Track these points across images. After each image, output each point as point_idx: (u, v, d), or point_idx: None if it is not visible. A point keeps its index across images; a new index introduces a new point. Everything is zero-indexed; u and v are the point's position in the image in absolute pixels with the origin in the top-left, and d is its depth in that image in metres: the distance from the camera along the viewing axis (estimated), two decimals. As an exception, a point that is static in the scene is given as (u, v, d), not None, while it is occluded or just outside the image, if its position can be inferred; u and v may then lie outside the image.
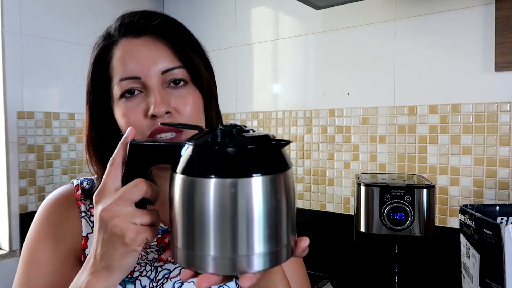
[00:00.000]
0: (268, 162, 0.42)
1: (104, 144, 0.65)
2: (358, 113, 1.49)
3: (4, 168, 1.54)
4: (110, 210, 0.45)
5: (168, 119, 0.60)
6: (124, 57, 0.61)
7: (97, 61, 0.64)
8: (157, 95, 0.59)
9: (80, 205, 0.66)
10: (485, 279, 0.70)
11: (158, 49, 0.62)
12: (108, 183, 0.47)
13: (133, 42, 0.62)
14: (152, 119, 0.60)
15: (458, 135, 1.29)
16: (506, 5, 1.17)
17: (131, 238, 0.44)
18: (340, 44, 1.53)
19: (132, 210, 0.45)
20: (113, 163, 0.48)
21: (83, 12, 1.73)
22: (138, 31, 0.63)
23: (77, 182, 0.69)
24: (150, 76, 0.60)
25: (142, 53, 0.61)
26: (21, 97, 1.56)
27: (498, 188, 1.23)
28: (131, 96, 0.61)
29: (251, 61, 1.78)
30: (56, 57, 1.66)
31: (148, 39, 0.62)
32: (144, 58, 0.61)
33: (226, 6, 1.83)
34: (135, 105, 0.61)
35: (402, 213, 1.05)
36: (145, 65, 0.60)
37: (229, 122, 1.82)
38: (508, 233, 0.64)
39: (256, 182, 0.40)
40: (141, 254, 0.63)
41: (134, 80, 0.60)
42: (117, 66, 0.62)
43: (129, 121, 0.60)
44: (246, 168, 0.40)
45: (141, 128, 0.60)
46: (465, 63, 1.28)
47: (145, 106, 0.60)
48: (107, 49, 0.64)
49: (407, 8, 1.37)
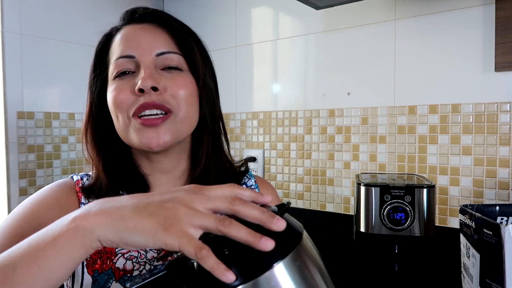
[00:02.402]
0: (280, 242, 0.36)
1: (102, 130, 0.65)
2: (358, 113, 1.49)
3: (4, 168, 1.53)
4: (188, 200, 0.38)
5: (156, 96, 0.58)
6: (122, 38, 0.63)
7: (100, 47, 0.66)
8: (146, 70, 0.59)
9: (80, 198, 0.64)
10: (485, 279, 0.70)
11: (157, 34, 0.63)
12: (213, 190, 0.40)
13: (133, 27, 0.64)
14: (139, 95, 0.59)
15: (458, 135, 1.29)
16: (506, 5, 1.17)
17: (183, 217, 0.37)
18: (340, 44, 1.53)
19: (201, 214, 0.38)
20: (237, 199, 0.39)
21: (83, 12, 1.73)
22: (140, 19, 0.64)
23: (77, 177, 0.68)
24: (144, 56, 0.60)
25: (140, 36, 0.62)
26: (21, 97, 1.56)
27: (498, 188, 1.23)
28: (124, 76, 0.61)
29: (251, 61, 1.78)
30: (56, 57, 1.66)
31: (148, 26, 0.64)
32: (141, 40, 0.62)
33: (226, 6, 1.83)
34: (125, 83, 0.60)
35: (402, 213, 1.05)
36: (141, 45, 0.61)
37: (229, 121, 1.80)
38: (508, 233, 0.64)
39: (280, 270, 0.35)
40: (140, 252, 0.62)
41: (129, 59, 0.61)
42: (115, 48, 0.63)
43: (116, 98, 0.60)
44: (266, 260, 0.35)
45: (126, 105, 0.59)
46: (465, 63, 1.28)
47: (133, 83, 0.60)
48: (110, 36, 0.65)
49: (407, 8, 1.37)
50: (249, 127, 1.78)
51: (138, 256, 0.62)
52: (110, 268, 0.60)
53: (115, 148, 0.65)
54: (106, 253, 0.61)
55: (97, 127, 0.65)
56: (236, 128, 1.82)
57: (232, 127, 1.83)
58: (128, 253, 0.62)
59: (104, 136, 0.65)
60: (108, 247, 0.58)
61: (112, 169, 0.64)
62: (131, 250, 0.61)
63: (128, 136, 0.61)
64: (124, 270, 0.60)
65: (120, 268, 0.60)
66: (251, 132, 1.78)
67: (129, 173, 0.65)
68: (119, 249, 0.61)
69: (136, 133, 0.59)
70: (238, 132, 1.82)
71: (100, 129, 0.65)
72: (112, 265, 0.60)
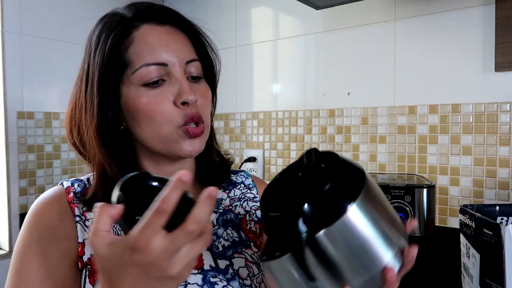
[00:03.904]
0: (348, 187, 0.40)
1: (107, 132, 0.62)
2: (358, 113, 1.49)
3: (4, 168, 1.54)
4: (142, 248, 0.38)
5: (196, 109, 0.60)
6: (152, 42, 0.60)
7: (114, 43, 0.60)
8: (185, 83, 0.60)
9: (74, 209, 0.61)
10: (485, 279, 0.70)
11: (181, 40, 0.63)
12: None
13: (157, 29, 0.61)
14: (181, 108, 0.59)
15: (458, 135, 1.29)
16: (506, 5, 1.17)
17: (176, 272, 0.39)
18: (340, 44, 1.53)
19: (164, 236, 0.38)
20: (161, 212, 0.38)
21: (83, 12, 1.73)
22: (161, 19, 0.62)
23: (67, 184, 0.65)
24: (176, 65, 0.60)
25: (170, 41, 0.61)
26: (21, 97, 1.57)
27: (498, 188, 1.23)
28: (155, 84, 0.60)
29: (251, 61, 1.78)
30: (56, 57, 1.66)
31: (171, 29, 0.63)
32: (172, 46, 0.61)
33: (226, 6, 1.83)
34: (160, 93, 0.59)
35: (402, 213, 1.05)
36: (173, 53, 0.60)
37: (229, 121, 1.80)
38: (508, 233, 0.64)
39: (353, 211, 0.39)
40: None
41: (161, 67, 0.59)
42: (142, 50, 0.59)
43: (155, 109, 0.59)
44: (340, 206, 0.39)
45: (169, 116, 0.59)
46: (465, 63, 1.28)
47: (170, 95, 0.60)
48: (126, 32, 0.61)
49: (407, 8, 1.37)
50: (249, 127, 1.78)
51: None
52: None
53: (118, 150, 0.63)
54: None
55: (106, 130, 0.62)
56: (236, 128, 1.82)
57: (232, 127, 1.83)
58: None
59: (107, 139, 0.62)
60: None
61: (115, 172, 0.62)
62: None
63: (169, 144, 0.61)
64: None
65: None
66: (251, 132, 1.78)
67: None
68: None
69: (182, 141, 0.61)
70: (238, 132, 1.82)
71: (105, 130, 0.62)
72: None
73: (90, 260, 0.59)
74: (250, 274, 0.64)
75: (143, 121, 0.60)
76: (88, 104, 0.62)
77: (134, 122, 0.62)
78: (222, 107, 1.85)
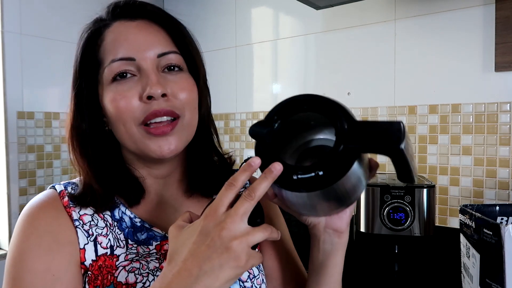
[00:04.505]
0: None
1: (90, 135, 0.61)
2: (358, 113, 1.49)
3: (4, 168, 1.54)
4: (228, 229, 0.44)
5: (164, 103, 0.56)
6: (117, 38, 0.58)
7: (87, 43, 0.60)
8: (153, 76, 0.56)
9: (71, 213, 0.58)
10: (485, 279, 0.70)
11: (154, 33, 0.60)
12: (224, 203, 0.46)
13: (127, 24, 0.59)
14: (147, 103, 0.56)
15: (458, 135, 1.29)
16: (506, 5, 1.17)
17: (243, 263, 0.44)
18: (340, 44, 1.53)
19: (248, 229, 0.45)
20: (232, 185, 0.46)
21: (83, 12, 1.72)
22: (132, 15, 0.60)
23: (60, 188, 0.61)
24: (145, 58, 0.57)
25: (138, 36, 0.58)
26: (21, 97, 1.57)
27: (498, 188, 1.23)
28: (123, 79, 0.57)
29: (251, 61, 1.78)
30: (56, 57, 1.66)
31: (143, 23, 0.60)
32: (140, 40, 0.58)
33: (226, 6, 1.83)
34: (128, 89, 0.57)
35: (402, 213, 1.05)
36: (141, 47, 0.58)
37: (229, 121, 1.80)
38: (508, 233, 0.64)
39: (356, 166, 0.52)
40: (142, 263, 0.59)
41: (128, 62, 0.57)
42: (109, 48, 0.58)
43: (120, 105, 0.56)
44: (346, 161, 0.48)
45: (133, 112, 0.56)
46: (465, 63, 1.28)
47: (139, 89, 0.56)
48: (98, 32, 0.60)
49: (407, 8, 1.37)
50: (249, 127, 1.78)
51: (140, 267, 0.58)
52: (112, 283, 0.56)
53: (105, 152, 0.62)
54: (107, 267, 0.57)
55: (83, 133, 0.61)
56: (236, 128, 1.82)
57: (232, 127, 1.83)
58: (130, 265, 0.58)
59: (93, 141, 0.61)
60: (108, 261, 0.57)
61: (104, 174, 0.61)
62: (132, 261, 0.58)
63: (137, 144, 0.58)
64: (127, 284, 0.56)
65: (122, 282, 0.56)
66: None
67: (123, 177, 0.62)
68: (120, 261, 0.58)
69: (146, 141, 0.57)
70: (238, 132, 1.82)
71: (89, 134, 0.61)
72: (113, 279, 0.56)
73: (92, 265, 0.57)
74: (250, 276, 0.63)
75: (112, 119, 0.58)
76: (70, 112, 0.62)
77: (109, 122, 0.60)
78: (222, 107, 1.85)
